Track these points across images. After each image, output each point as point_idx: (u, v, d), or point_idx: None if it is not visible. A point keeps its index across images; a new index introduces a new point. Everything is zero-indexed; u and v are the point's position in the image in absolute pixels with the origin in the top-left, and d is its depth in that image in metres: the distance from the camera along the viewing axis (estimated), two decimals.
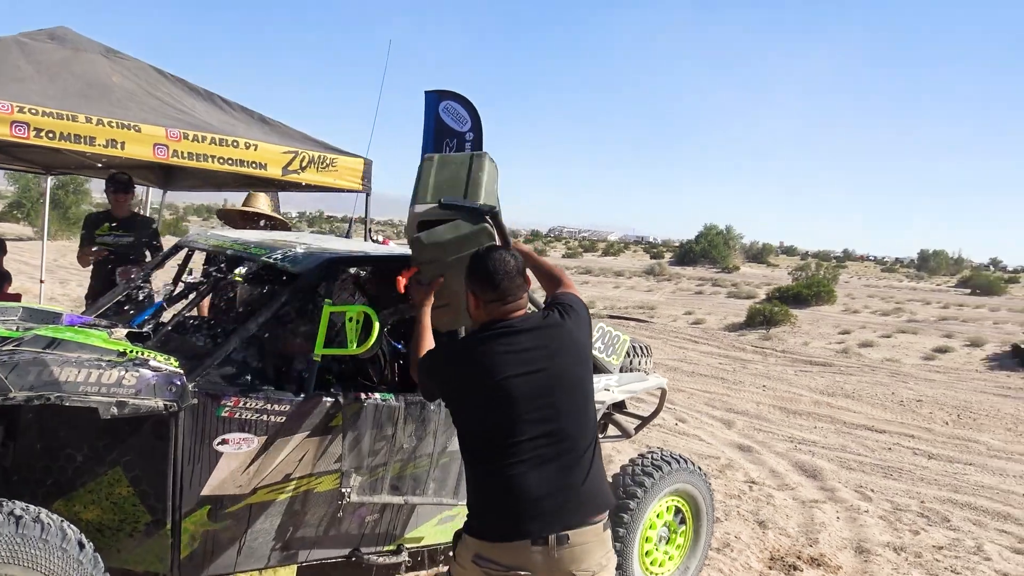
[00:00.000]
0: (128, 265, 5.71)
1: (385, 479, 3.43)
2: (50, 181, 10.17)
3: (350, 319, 3.19)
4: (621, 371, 4.67)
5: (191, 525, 3.02)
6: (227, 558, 3.15)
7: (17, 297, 6.48)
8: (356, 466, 3.32)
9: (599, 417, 4.42)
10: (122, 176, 6.08)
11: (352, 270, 3.75)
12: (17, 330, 2.94)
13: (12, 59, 5.38)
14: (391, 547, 3.61)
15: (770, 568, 5.29)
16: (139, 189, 9.96)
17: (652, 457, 4.42)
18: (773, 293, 25.94)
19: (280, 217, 6.30)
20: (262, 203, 6.12)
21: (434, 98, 8.19)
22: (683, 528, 4.58)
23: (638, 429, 5.15)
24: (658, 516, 4.43)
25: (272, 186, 7.09)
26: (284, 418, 3.12)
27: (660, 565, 4.48)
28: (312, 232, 6.24)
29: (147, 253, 5.96)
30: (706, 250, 46.51)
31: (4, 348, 2.73)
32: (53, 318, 3.40)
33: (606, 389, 4.37)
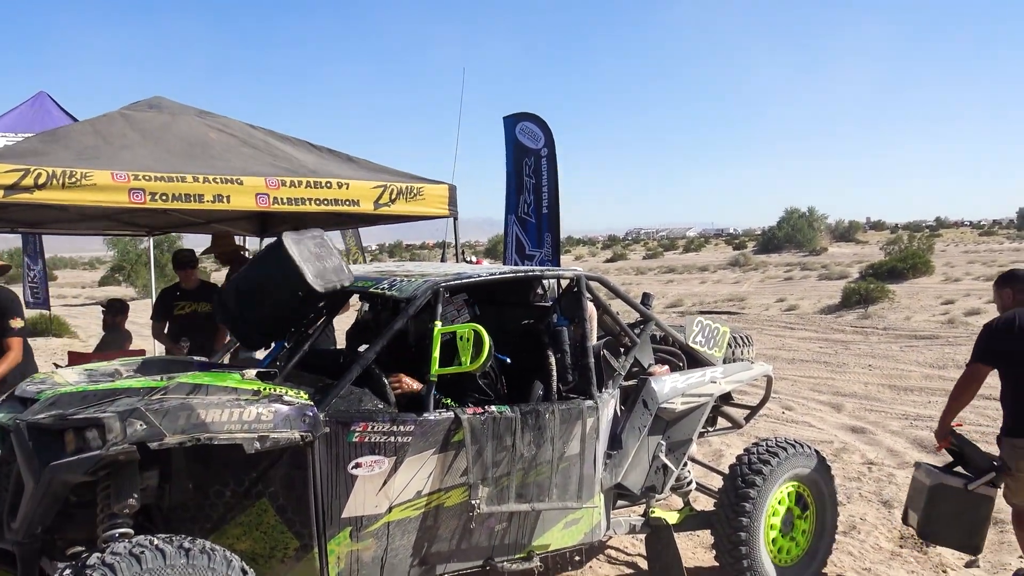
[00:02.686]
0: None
1: (510, 488, 3.54)
2: (151, 241, 10.77)
3: (461, 338, 3.34)
4: (724, 362, 4.69)
5: (336, 547, 3.19)
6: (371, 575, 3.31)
7: (141, 354, 6.89)
8: (482, 478, 3.45)
9: (708, 411, 4.45)
10: (184, 253, 6.66)
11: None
12: (161, 379, 3.17)
13: (119, 130, 5.77)
14: (522, 555, 3.72)
15: (901, 547, 5.20)
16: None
17: (767, 444, 4.42)
18: (866, 271, 25.20)
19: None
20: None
21: (511, 122, 8.45)
22: (806, 513, 4.55)
23: (748, 419, 5.15)
24: (780, 502, 4.42)
25: (366, 221, 7.37)
26: (410, 438, 3.27)
27: (788, 552, 4.47)
28: (396, 261, 6.49)
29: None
30: (790, 235, 45.46)
31: (153, 397, 2.96)
32: (189, 366, 3.65)
33: (712, 381, 4.40)
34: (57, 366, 8.92)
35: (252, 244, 9.55)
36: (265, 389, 3.15)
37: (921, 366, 11.75)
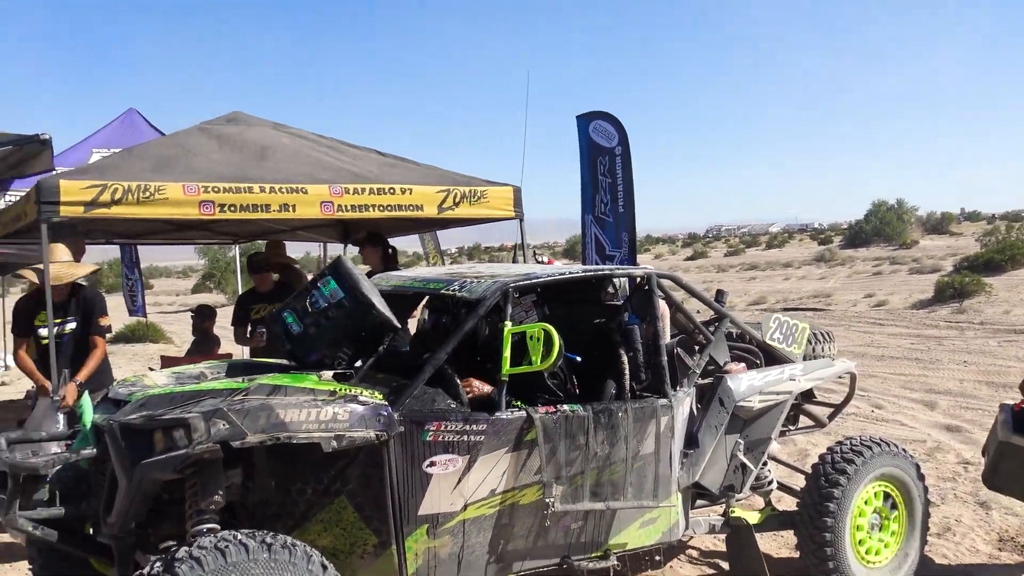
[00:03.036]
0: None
1: (584, 487, 3.54)
2: (238, 249, 11.14)
3: (531, 337, 3.35)
4: (804, 359, 4.57)
5: (413, 543, 3.25)
6: (449, 572, 3.35)
7: (228, 357, 7.14)
8: (555, 476, 3.46)
9: (787, 409, 4.35)
10: (257, 258, 7.01)
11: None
12: (243, 381, 3.28)
13: (194, 144, 5.99)
14: (599, 553, 3.70)
15: (1000, 550, 4.97)
16: (312, 246, 10.71)
17: (852, 443, 4.29)
18: (961, 263, 24.16)
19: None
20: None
21: (584, 121, 8.44)
22: (895, 513, 4.40)
23: (831, 417, 5.01)
24: (866, 503, 4.29)
25: (430, 225, 7.47)
26: (483, 437, 3.30)
27: (876, 553, 4.32)
28: (473, 262, 6.56)
29: None
30: (878, 228, 43.93)
31: (236, 398, 3.07)
32: (270, 369, 3.76)
33: (791, 379, 4.30)
34: (151, 369, 9.33)
35: (335, 250, 9.79)
36: (341, 390, 3.22)
37: (1022, 361, 11.20)
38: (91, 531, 3.50)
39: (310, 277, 5.05)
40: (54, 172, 5.77)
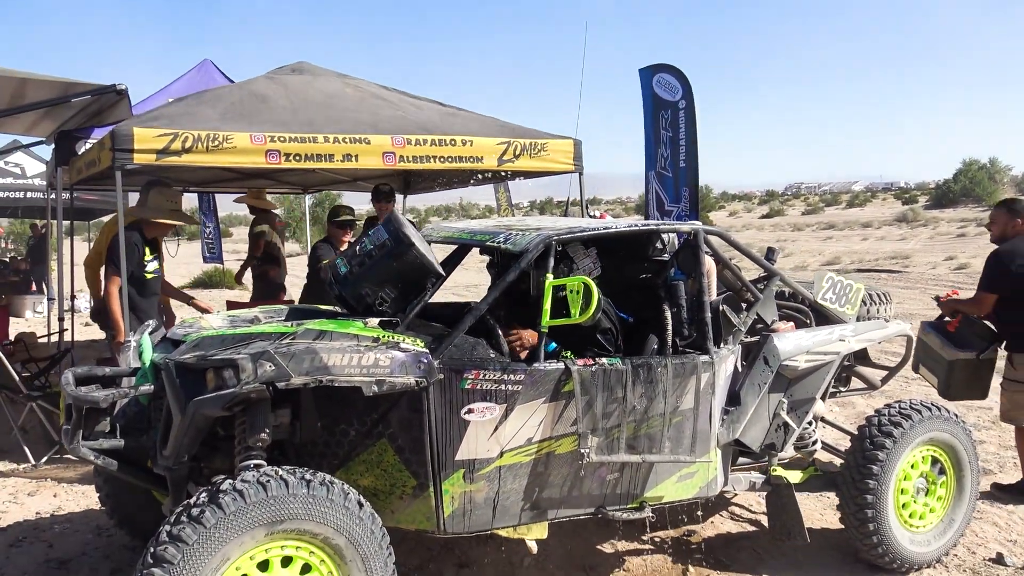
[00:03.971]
0: None
1: (621, 439, 3.59)
2: (308, 199, 11.38)
3: (570, 291, 3.39)
4: (858, 320, 4.50)
5: (450, 487, 3.36)
6: (484, 516, 3.47)
7: (289, 303, 7.36)
8: (592, 428, 3.52)
9: (835, 370, 4.30)
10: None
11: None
12: (291, 325, 3.42)
13: (261, 93, 6.14)
14: (634, 504, 3.77)
15: None
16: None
17: (900, 406, 4.23)
18: None
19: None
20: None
21: (648, 74, 8.28)
22: (943, 479, 4.34)
23: (884, 380, 4.93)
24: (912, 467, 4.23)
25: (491, 177, 7.51)
26: (520, 386, 3.38)
27: (920, 517, 4.28)
28: (525, 216, 6.57)
29: None
30: (967, 188, 42.17)
31: (283, 341, 3.21)
32: (320, 314, 3.90)
33: (841, 339, 4.24)
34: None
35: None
36: (384, 337, 3.33)
37: None
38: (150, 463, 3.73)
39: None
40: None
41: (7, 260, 18.43)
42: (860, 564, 4.29)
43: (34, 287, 16.28)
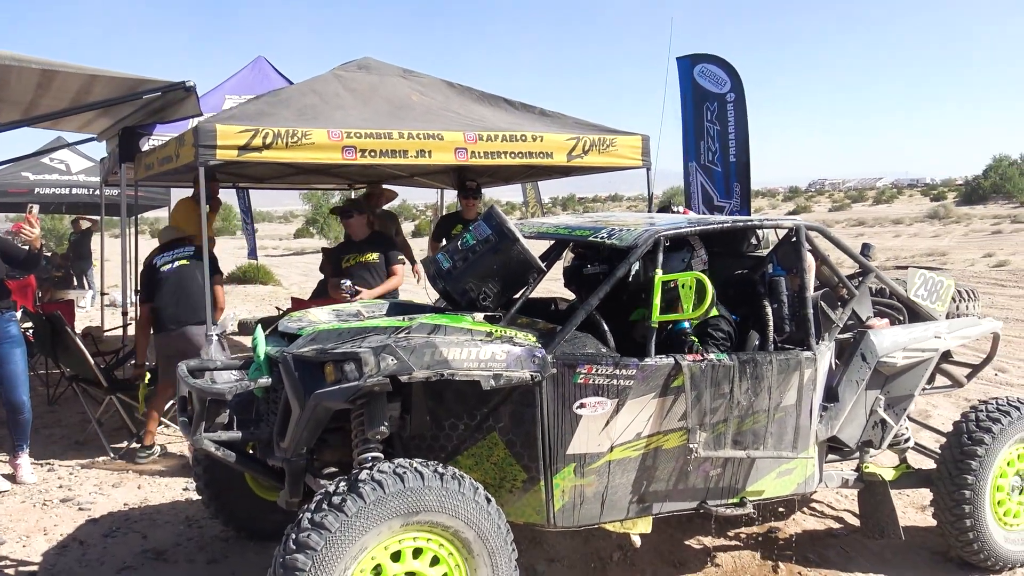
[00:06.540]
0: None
1: (727, 434, 3.59)
2: (338, 197, 11.40)
3: (683, 285, 3.39)
4: (947, 317, 4.47)
5: (560, 481, 3.38)
6: (593, 510, 3.48)
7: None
8: (699, 423, 3.52)
9: (932, 367, 4.27)
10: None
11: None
12: (404, 320, 3.44)
13: (333, 90, 6.19)
14: (735, 500, 3.77)
15: None
16: (432, 193, 10.92)
17: (998, 403, 4.21)
18: None
19: None
20: None
21: (687, 63, 8.14)
22: None
23: (969, 377, 4.89)
24: (1009, 464, 4.20)
25: (558, 173, 7.52)
26: (632, 381, 3.39)
27: (1015, 516, 4.25)
28: (608, 212, 6.54)
29: None
30: (998, 185, 41.71)
31: (400, 335, 3.23)
32: (424, 309, 3.92)
33: (936, 337, 4.22)
34: (278, 309, 9.74)
35: (450, 196, 9.97)
36: (497, 331, 3.35)
37: None
38: (252, 453, 3.77)
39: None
40: (202, 117, 6.05)
41: (48, 255, 18.61)
42: (950, 563, 4.26)
43: (75, 282, 16.45)
